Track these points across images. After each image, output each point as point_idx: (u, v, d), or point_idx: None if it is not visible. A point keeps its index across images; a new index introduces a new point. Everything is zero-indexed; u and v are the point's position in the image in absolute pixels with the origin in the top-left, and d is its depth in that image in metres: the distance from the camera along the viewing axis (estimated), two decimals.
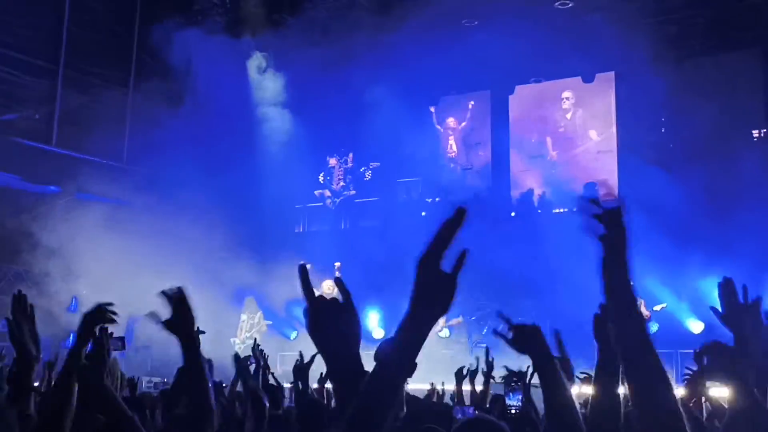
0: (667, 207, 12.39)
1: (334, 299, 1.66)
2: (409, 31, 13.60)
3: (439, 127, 16.30)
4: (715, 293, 2.73)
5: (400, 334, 1.48)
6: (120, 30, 15.62)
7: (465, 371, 6.48)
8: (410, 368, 1.48)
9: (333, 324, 1.65)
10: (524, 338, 2.44)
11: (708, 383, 4.76)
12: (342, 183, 17.05)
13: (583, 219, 1.71)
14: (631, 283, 1.75)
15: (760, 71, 13.62)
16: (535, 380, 2.61)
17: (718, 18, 13.34)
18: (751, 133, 13.68)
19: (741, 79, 13.55)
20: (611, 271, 1.75)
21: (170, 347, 2.56)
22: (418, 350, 1.48)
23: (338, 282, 1.71)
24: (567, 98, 15.23)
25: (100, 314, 2.63)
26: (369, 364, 1.57)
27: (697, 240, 12.06)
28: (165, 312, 2.33)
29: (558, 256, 11.79)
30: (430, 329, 1.48)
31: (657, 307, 12.22)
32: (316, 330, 1.65)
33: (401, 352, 1.48)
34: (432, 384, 8.17)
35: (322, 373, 5.71)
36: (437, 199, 15.75)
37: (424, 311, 1.47)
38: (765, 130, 13.56)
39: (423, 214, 15.67)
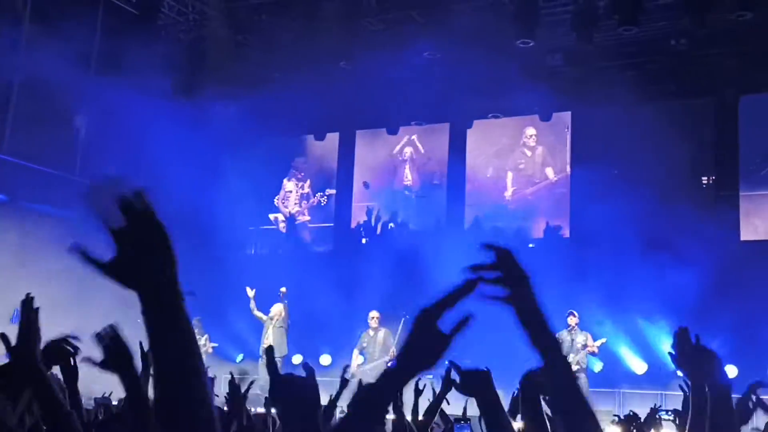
0: (616, 248, 12.60)
1: (297, 379, 1.72)
2: (371, 61, 13.70)
3: (397, 155, 16.41)
4: (659, 336, 2.77)
5: (381, 382, 1.49)
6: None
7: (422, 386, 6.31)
8: (383, 415, 1.49)
9: (295, 398, 1.71)
10: (473, 383, 2.45)
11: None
12: (297, 207, 17.04)
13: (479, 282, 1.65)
14: (549, 326, 1.73)
15: (712, 120, 13.98)
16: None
17: (674, 66, 13.67)
18: (701, 180, 13.99)
19: (693, 127, 13.87)
20: (527, 325, 1.73)
21: None
22: (392, 399, 1.49)
23: (306, 367, 1.77)
24: (531, 135, 15.42)
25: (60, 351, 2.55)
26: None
27: (643, 283, 12.24)
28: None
29: None
30: (408, 382, 1.50)
31: (597, 342, 12.34)
32: (279, 402, 1.71)
33: (378, 399, 1.49)
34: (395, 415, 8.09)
35: (266, 398, 5.65)
36: (392, 226, 15.83)
37: (411, 365, 1.49)
38: (713, 177, 13.88)
39: (363, 241, 15.75)
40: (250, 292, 13.80)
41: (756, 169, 13.73)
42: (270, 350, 1.75)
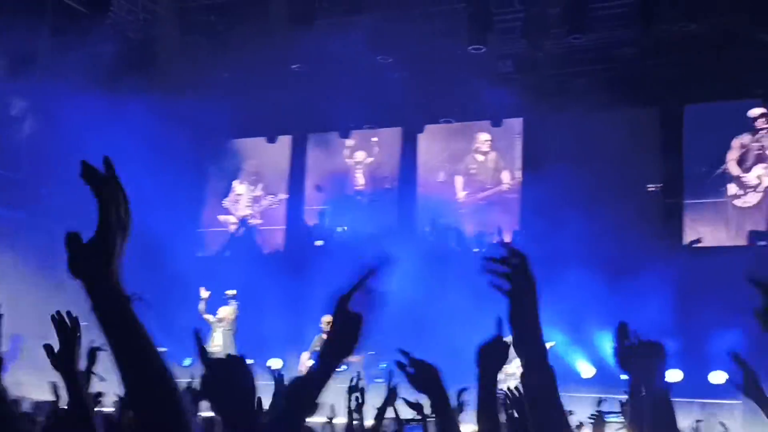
0: (564, 253, 12.75)
1: (227, 359, 1.70)
2: (323, 64, 13.71)
3: (349, 159, 16.40)
4: (605, 340, 2.82)
5: (309, 374, 1.51)
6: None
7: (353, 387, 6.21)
8: (314, 407, 1.50)
9: (228, 383, 1.69)
10: (424, 377, 2.45)
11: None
12: (249, 210, 16.93)
13: (488, 272, 1.70)
14: (541, 335, 1.76)
15: (658, 129, 14.22)
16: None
17: (622, 75, 13.88)
18: (646, 187, 14.21)
19: (640, 135, 14.09)
20: (517, 325, 1.76)
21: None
22: (322, 389, 1.50)
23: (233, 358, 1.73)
24: (485, 141, 15.53)
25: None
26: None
27: (591, 288, 12.40)
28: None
29: (458, 295, 11.93)
30: (335, 369, 1.51)
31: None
32: (211, 391, 1.69)
33: (308, 391, 1.51)
34: (329, 417, 8.13)
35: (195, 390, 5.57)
36: (344, 229, 15.81)
37: (333, 353, 1.51)
38: (660, 185, 14.13)
39: (318, 243, 15.70)
40: (205, 293, 13.63)
41: (700, 177, 14.01)
42: (196, 334, 1.71)
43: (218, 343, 12.99)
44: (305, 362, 13.17)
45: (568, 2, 12.58)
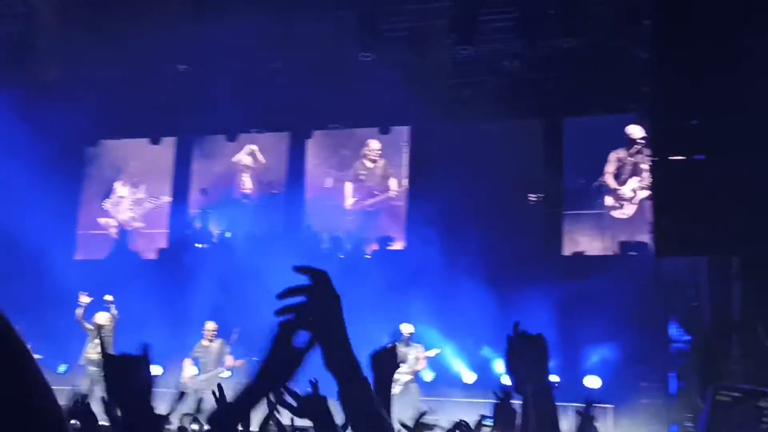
0: (449, 261, 12.97)
1: (126, 357, 1.74)
2: (210, 65, 13.51)
3: (236, 163, 16.20)
4: (487, 346, 2.87)
5: (239, 398, 1.50)
6: None
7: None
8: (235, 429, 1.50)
9: (128, 380, 1.70)
10: (308, 408, 2.46)
11: None
12: (130, 213, 16.49)
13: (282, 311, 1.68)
14: (350, 348, 1.75)
15: (541, 141, 14.63)
16: None
17: (507, 87, 14.22)
18: (528, 197, 14.58)
19: (523, 146, 14.44)
20: (325, 342, 1.74)
21: None
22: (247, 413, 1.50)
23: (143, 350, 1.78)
24: (374, 148, 15.60)
25: None
26: None
27: (475, 294, 12.64)
28: None
29: (347, 302, 11.93)
30: (264, 396, 1.51)
31: (430, 353, 12.66)
32: (115, 388, 1.70)
33: (235, 414, 1.50)
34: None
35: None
36: (228, 234, 15.60)
37: (269, 381, 1.50)
38: (541, 195, 14.53)
39: (200, 246, 15.44)
40: (85, 299, 13.17)
41: (579, 189, 14.49)
42: (100, 330, 1.73)
43: (95, 351, 12.56)
44: (187, 369, 12.93)
45: (456, 14, 12.80)
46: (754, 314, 9.08)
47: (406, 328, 12.50)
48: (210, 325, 13.05)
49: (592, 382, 12.56)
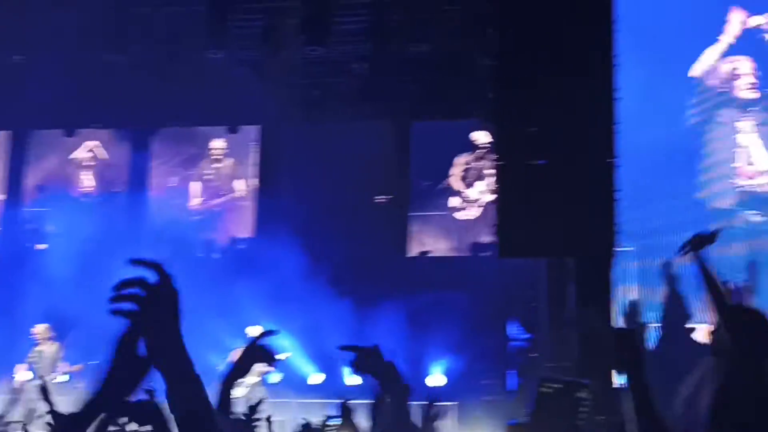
0: (297, 262, 12.93)
1: None
2: (47, 56, 12.91)
3: (76, 159, 15.54)
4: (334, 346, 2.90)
5: (83, 408, 1.44)
6: None
7: None
8: None
9: None
10: (143, 414, 2.39)
11: None
12: None
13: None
14: (183, 347, 1.70)
15: (388, 143, 14.84)
16: None
17: (356, 88, 14.31)
18: (376, 198, 14.77)
19: (371, 148, 14.59)
20: (156, 341, 1.67)
21: None
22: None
23: None
24: (220, 147, 15.34)
25: None
26: None
27: (324, 295, 12.67)
28: None
29: (199, 303, 11.71)
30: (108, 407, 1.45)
31: (281, 356, 12.58)
32: None
33: (77, 426, 1.45)
34: None
35: None
36: (66, 233, 14.94)
37: (113, 390, 1.43)
38: (388, 197, 14.73)
39: (40, 247, 14.75)
40: None
41: (425, 191, 14.80)
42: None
43: None
44: (20, 374, 12.33)
45: (307, 15, 12.78)
46: (587, 313, 9.55)
47: (254, 331, 12.36)
48: (39, 329, 12.46)
49: (436, 380, 12.84)
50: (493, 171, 10.83)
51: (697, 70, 10.24)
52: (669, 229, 9.96)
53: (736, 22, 10.03)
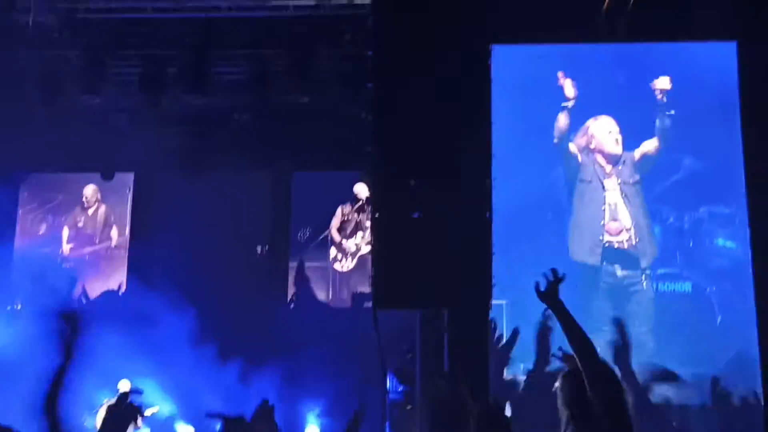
0: (174, 312, 12.65)
1: None
2: None
3: None
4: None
5: None
6: None
7: None
8: None
9: None
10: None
11: None
12: None
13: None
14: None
15: (269, 193, 14.80)
16: None
17: (237, 139, 14.26)
18: (256, 249, 14.66)
19: (252, 198, 14.54)
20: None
21: None
22: None
23: None
24: (92, 193, 14.98)
25: None
26: None
27: (200, 346, 12.43)
28: None
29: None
30: None
31: (148, 411, 12.24)
32: None
33: None
34: None
35: None
36: None
37: None
38: (267, 247, 14.65)
39: None
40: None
41: (304, 242, 14.79)
42: None
43: None
44: None
45: (187, 62, 12.68)
46: (458, 364, 9.65)
47: (123, 385, 11.98)
48: None
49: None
50: (371, 223, 10.91)
51: (557, 133, 10.68)
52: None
53: (568, 86, 10.55)
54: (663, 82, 10.38)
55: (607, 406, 3.53)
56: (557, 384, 3.81)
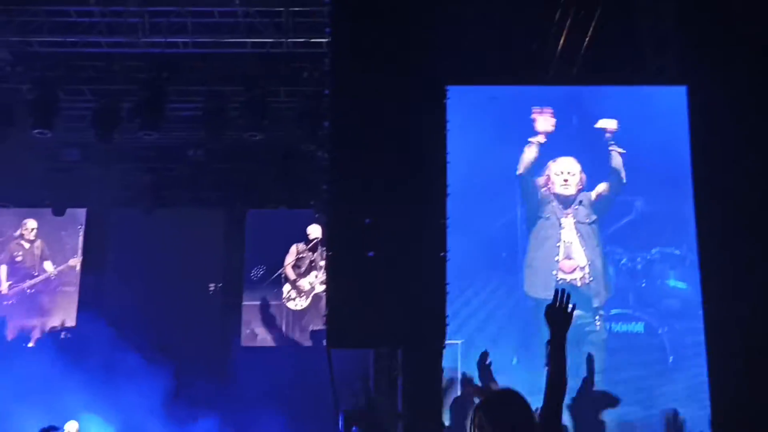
0: (119, 349, 12.43)
1: None
2: None
3: None
4: None
5: None
6: None
7: None
8: None
9: None
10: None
11: None
12: None
13: None
14: None
15: (222, 230, 14.70)
16: None
17: (190, 175, 14.16)
18: (209, 287, 14.51)
19: (205, 235, 14.43)
20: None
21: None
22: None
23: None
24: (32, 228, 14.74)
25: None
26: None
27: (154, 385, 12.20)
28: None
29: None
30: None
31: None
32: None
33: None
34: None
35: None
36: None
37: None
38: (220, 285, 14.51)
39: None
40: None
41: (258, 280, 14.68)
42: None
43: None
44: None
45: (142, 98, 12.58)
46: (412, 405, 9.60)
47: (71, 426, 11.68)
48: None
49: None
50: (326, 261, 10.84)
51: (521, 168, 10.75)
52: (493, 321, 10.24)
53: (542, 121, 10.67)
54: (609, 123, 10.54)
55: None
56: (470, 416, 3.62)
